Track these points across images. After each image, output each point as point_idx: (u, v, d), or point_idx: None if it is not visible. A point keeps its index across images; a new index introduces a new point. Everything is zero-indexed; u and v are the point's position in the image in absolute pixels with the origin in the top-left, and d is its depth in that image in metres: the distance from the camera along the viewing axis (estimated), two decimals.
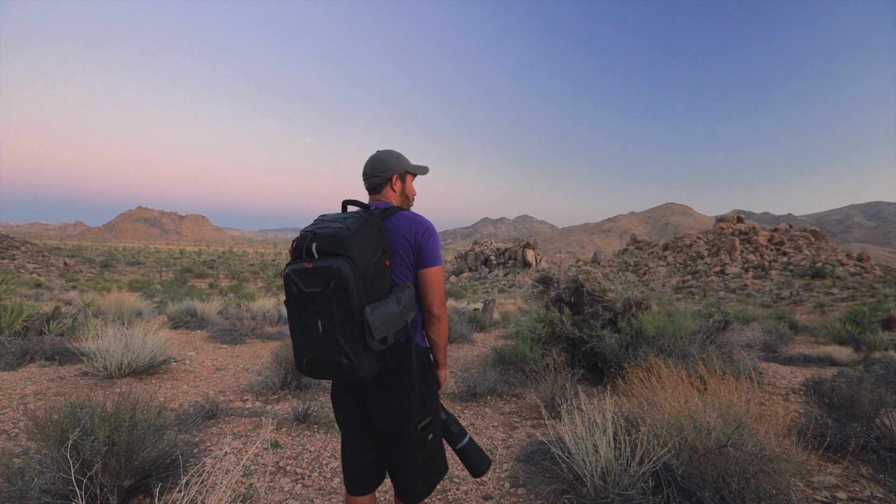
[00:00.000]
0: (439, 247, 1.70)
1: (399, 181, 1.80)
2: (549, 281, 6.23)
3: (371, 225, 1.53)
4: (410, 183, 1.86)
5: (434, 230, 1.72)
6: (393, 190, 1.80)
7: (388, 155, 1.79)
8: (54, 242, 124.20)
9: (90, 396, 4.07)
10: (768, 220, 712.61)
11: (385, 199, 1.79)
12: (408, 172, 1.83)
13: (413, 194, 1.87)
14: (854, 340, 9.02)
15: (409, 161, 1.84)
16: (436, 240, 1.71)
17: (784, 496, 2.17)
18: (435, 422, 1.73)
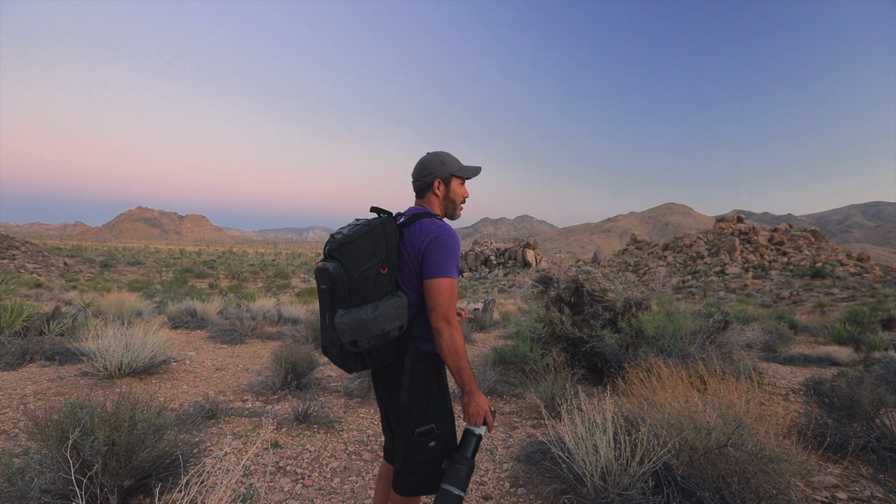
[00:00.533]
0: (448, 257, 1.60)
1: (442, 185, 1.77)
2: (549, 281, 6.23)
3: (374, 233, 1.58)
4: (457, 186, 1.80)
5: (444, 240, 1.61)
6: (436, 194, 1.78)
7: (433, 158, 1.77)
8: (54, 242, 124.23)
9: (90, 396, 4.07)
10: (768, 220, 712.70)
11: (427, 204, 1.79)
12: (453, 176, 1.78)
13: (461, 198, 1.81)
14: (854, 340, 9.02)
15: (457, 163, 1.79)
16: (442, 250, 1.59)
17: (784, 496, 2.17)
18: (441, 433, 1.68)
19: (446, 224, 1.69)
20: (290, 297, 22.73)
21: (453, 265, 1.61)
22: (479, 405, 1.62)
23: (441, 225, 1.66)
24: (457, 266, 1.64)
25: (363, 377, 4.81)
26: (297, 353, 4.88)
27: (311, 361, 4.94)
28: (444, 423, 1.70)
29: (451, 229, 1.66)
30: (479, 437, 1.65)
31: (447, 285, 1.59)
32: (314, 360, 5.03)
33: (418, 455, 1.66)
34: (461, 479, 1.57)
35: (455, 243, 1.64)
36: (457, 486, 1.56)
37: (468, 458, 1.61)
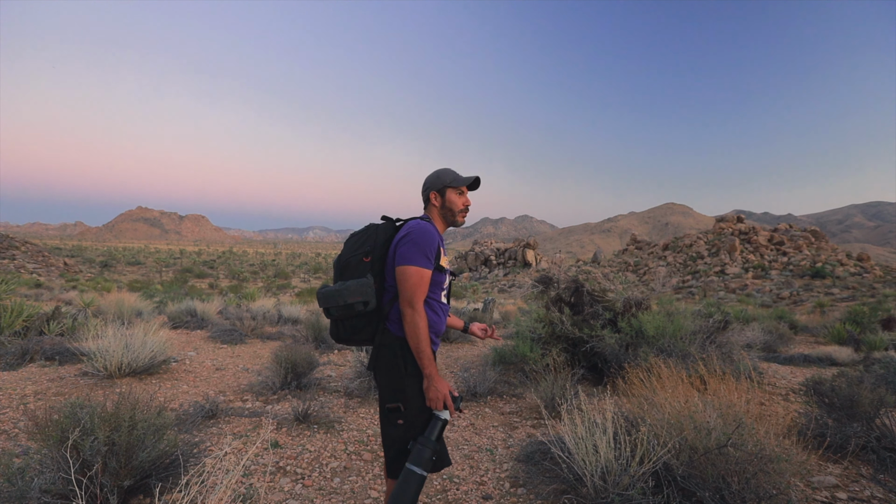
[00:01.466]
0: (415, 249, 1.77)
1: (438, 197, 1.98)
2: (549, 281, 6.23)
3: (365, 232, 1.91)
4: (454, 196, 1.98)
5: (414, 234, 1.80)
6: (434, 205, 1.99)
7: (432, 174, 2.00)
8: (54, 242, 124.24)
9: (90, 396, 4.07)
10: (768, 220, 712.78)
11: (428, 213, 2.01)
12: (448, 187, 1.97)
13: (460, 206, 1.99)
14: (854, 340, 9.02)
15: (451, 175, 1.98)
16: (411, 243, 1.78)
17: (784, 496, 2.17)
18: (408, 415, 1.78)
19: (424, 223, 1.84)
20: (290, 297, 22.74)
21: (420, 256, 1.77)
22: (437, 389, 1.75)
23: (418, 223, 1.84)
24: (426, 257, 1.78)
25: (363, 377, 4.81)
26: (297, 353, 4.88)
27: (311, 361, 4.94)
28: (412, 406, 1.79)
29: (426, 227, 1.83)
30: (443, 421, 1.77)
31: (412, 273, 1.76)
32: (314, 360, 5.03)
33: (388, 429, 1.83)
34: (424, 460, 1.67)
35: (424, 238, 1.79)
36: (419, 466, 1.66)
37: (431, 440, 1.72)
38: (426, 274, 1.80)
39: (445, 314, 2.02)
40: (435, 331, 1.93)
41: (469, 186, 2.04)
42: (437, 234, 1.87)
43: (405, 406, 1.79)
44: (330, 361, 6.31)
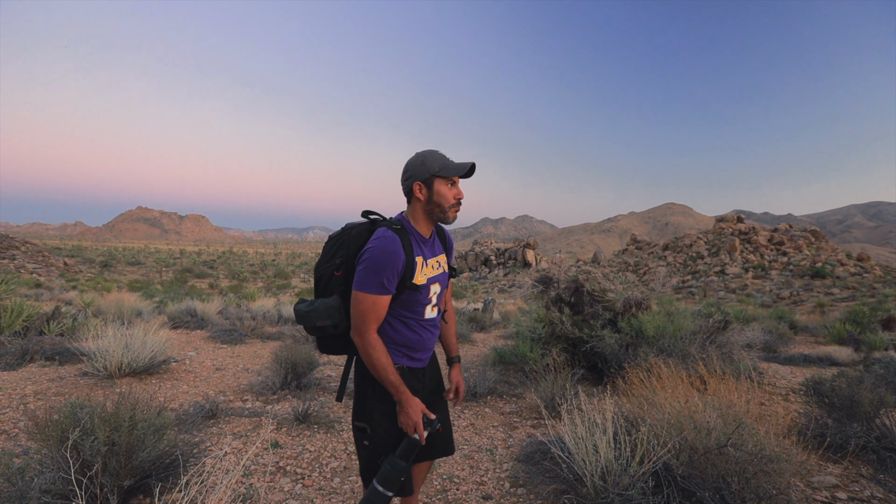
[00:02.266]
0: (367, 272, 1.55)
1: (423, 188, 1.64)
2: (549, 281, 6.23)
3: (339, 237, 1.69)
4: (443, 187, 1.63)
5: (370, 253, 1.56)
6: (418, 199, 1.66)
7: (414, 159, 1.65)
8: (54, 242, 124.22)
9: (90, 396, 4.07)
10: (768, 220, 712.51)
11: (411, 210, 1.70)
12: (436, 176, 1.62)
13: (451, 199, 1.65)
14: (854, 340, 9.02)
15: (441, 161, 1.63)
16: (364, 263, 1.56)
17: (784, 496, 2.17)
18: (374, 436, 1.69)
19: (386, 240, 1.56)
20: (290, 297, 22.75)
21: (372, 282, 1.55)
22: (408, 415, 1.63)
23: (378, 237, 1.58)
24: (379, 284, 1.55)
25: None
26: (297, 353, 4.88)
27: (311, 361, 4.94)
28: (378, 429, 1.68)
29: (384, 243, 1.55)
30: (414, 441, 1.65)
31: (360, 300, 1.56)
32: (314, 360, 5.03)
33: (358, 446, 1.77)
34: (392, 481, 1.59)
35: (381, 259, 1.54)
36: (385, 487, 1.59)
37: (401, 462, 1.62)
38: (380, 301, 1.58)
39: (432, 329, 1.81)
40: (416, 347, 1.76)
41: (462, 175, 1.67)
42: (399, 251, 1.57)
43: (371, 428, 1.69)
44: (330, 361, 6.32)
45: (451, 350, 2.05)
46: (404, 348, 1.74)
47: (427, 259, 1.70)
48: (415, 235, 1.68)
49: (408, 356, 1.76)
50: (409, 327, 1.73)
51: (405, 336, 1.73)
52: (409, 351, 1.76)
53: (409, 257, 1.61)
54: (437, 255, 1.77)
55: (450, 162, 1.66)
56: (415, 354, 1.78)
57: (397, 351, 1.73)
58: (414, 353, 1.77)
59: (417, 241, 1.69)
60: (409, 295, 1.66)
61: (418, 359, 1.80)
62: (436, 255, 1.76)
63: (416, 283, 1.64)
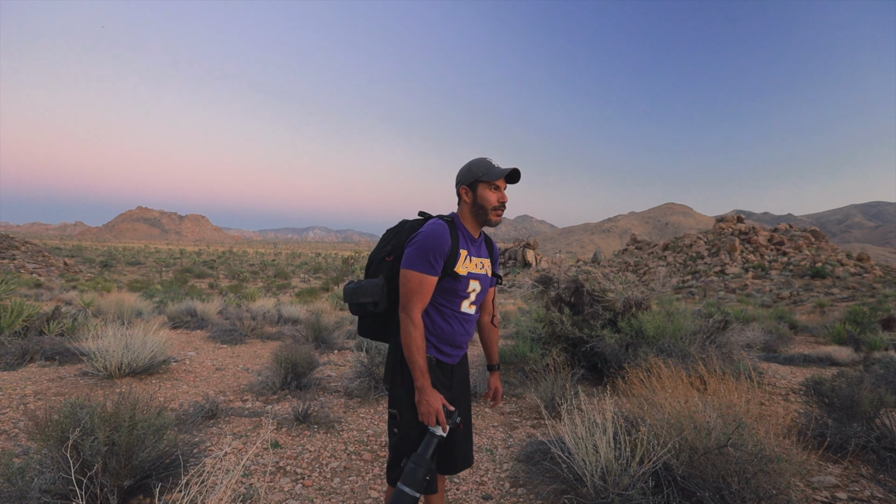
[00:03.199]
0: (416, 252, 1.68)
1: (468, 192, 1.79)
2: (549, 281, 6.23)
3: (392, 231, 1.89)
4: (486, 192, 1.76)
5: (419, 236, 1.70)
6: (465, 201, 1.82)
7: (463, 166, 1.82)
8: (54, 242, 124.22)
9: (90, 396, 4.07)
10: (768, 220, 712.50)
11: (460, 211, 1.85)
12: (479, 181, 1.76)
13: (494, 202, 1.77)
14: (854, 340, 9.02)
15: (485, 167, 1.76)
16: (414, 245, 1.70)
17: (784, 496, 2.17)
18: (402, 424, 1.73)
19: (436, 225, 1.72)
20: (290, 297, 22.74)
21: (421, 260, 1.67)
22: (429, 403, 1.65)
23: (431, 224, 1.73)
24: (428, 262, 1.67)
25: (363, 377, 4.80)
26: (297, 353, 4.88)
27: (311, 361, 4.94)
28: (405, 416, 1.74)
29: (435, 229, 1.70)
30: (438, 437, 1.65)
31: (409, 277, 1.69)
32: (314, 360, 5.03)
33: (389, 435, 1.80)
34: (417, 480, 1.58)
35: (430, 241, 1.68)
36: (411, 487, 1.57)
37: (426, 458, 1.61)
38: (427, 280, 1.69)
39: (466, 325, 1.85)
40: (448, 340, 1.81)
41: (507, 179, 1.80)
42: (447, 236, 1.71)
43: (400, 415, 1.75)
44: (330, 361, 6.31)
45: (492, 357, 2.09)
46: (435, 338, 1.79)
47: (471, 256, 1.81)
48: (462, 231, 1.81)
49: (437, 348, 1.80)
50: (444, 317, 1.79)
51: (438, 326, 1.78)
52: (440, 342, 1.80)
53: (455, 246, 1.73)
54: (482, 257, 1.89)
55: (493, 167, 1.77)
56: (444, 347, 1.81)
57: (427, 341, 1.78)
58: (444, 345, 1.81)
59: (465, 236, 1.81)
60: (448, 283, 1.75)
61: (448, 353, 1.83)
62: (480, 257, 1.87)
63: (457, 271, 1.73)
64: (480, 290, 1.87)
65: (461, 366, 1.94)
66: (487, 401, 2.07)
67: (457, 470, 1.88)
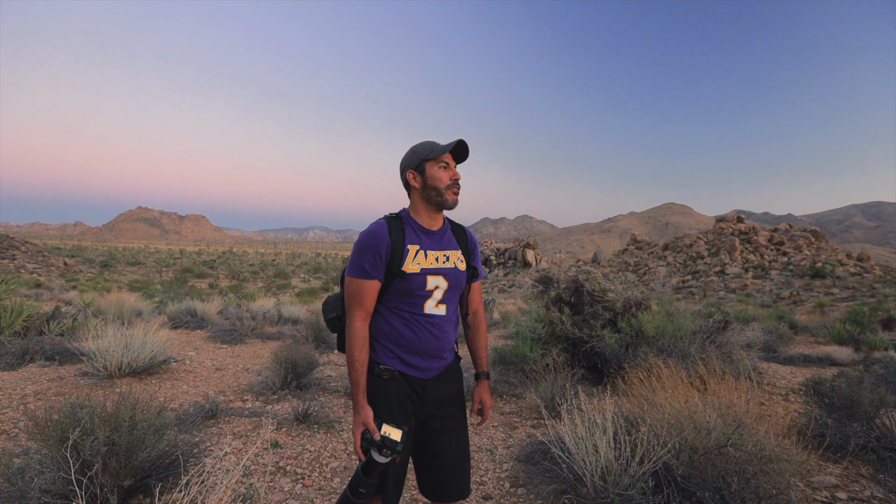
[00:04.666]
0: (353, 255, 1.61)
1: (417, 176, 1.65)
2: (549, 281, 6.23)
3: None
4: (435, 170, 1.62)
5: (358, 238, 1.62)
6: (415, 187, 1.66)
7: (406, 152, 1.68)
8: (54, 242, 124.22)
9: (90, 396, 4.07)
10: (768, 220, 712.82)
11: (411, 201, 1.71)
12: (426, 160, 1.62)
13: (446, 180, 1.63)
14: (854, 340, 9.02)
15: (429, 146, 1.64)
16: (354, 249, 1.62)
17: (784, 496, 2.17)
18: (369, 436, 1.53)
19: (375, 224, 1.61)
20: (290, 297, 22.75)
21: (355, 265, 1.59)
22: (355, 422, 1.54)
23: (371, 224, 1.63)
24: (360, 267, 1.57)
25: None
26: (297, 353, 4.88)
27: (311, 361, 4.94)
28: None
29: (371, 229, 1.59)
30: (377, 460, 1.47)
31: (347, 283, 1.63)
32: (314, 360, 5.03)
33: None
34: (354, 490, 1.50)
35: (363, 243, 1.58)
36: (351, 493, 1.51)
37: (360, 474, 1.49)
38: (364, 285, 1.57)
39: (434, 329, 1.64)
40: (413, 349, 1.62)
41: (456, 157, 1.67)
42: (383, 234, 1.58)
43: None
44: (330, 361, 6.32)
45: (479, 364, 1.85)
46: (398, 348, 1.62)
47: (427, 249, 1.64)
48: (412, 225, 1.65)
49: (401, 359, 1.62)
50: (406, 322, 1.62)
51: (400, 333, 1.62)
52: (404, 353, 1.62)
53: (398, 243, 1.58)
54: (447, 249, 1.69)
55: (437, 144, 1.65)
56: (411, 359, 1.62)
57: (389, 351, 1.62)
58: (410, 356, 1.62)
59: (416, 230, 1.65)
60: (399, 283, 1.59)
61: (415, 366, 1.63)
62: (443, 249, 1.68)
63: (405, 270, 1.58)
64: (449, 287, 1.66)
65: (440, 382, 1.69)
66: (473, 417, 1.85)
67: (446, 499, 1.67)
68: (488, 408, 1.83)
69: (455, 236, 1.76)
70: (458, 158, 1.68)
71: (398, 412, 1.59)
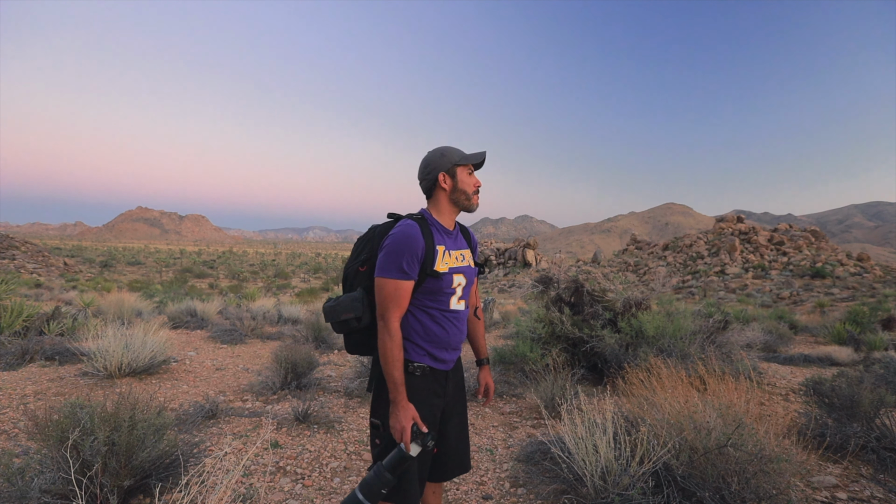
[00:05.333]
0: (388, 258, 1.61)
1: (448, 178, 1.72)
2: (549, 281, 6.23)
3: (364, 238, 1.79)
4: (465, 176, 1.73)
5: (390, 240, 1.62)
6: (443, 189, 1.73)
7: (433, 153, 1.74)
8: (54, 242, 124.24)
9: (90, 396, 4.07)
10: (768, 220, 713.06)
11: (434, 203, 1.77)
12: (457, 166, 1.72)
13: (472, 187, 1.75)
14: (854, 340, 9.02)
15: (459, 152, 1.73)
16: (386, 250, 1.62)
17: (784, 496, 2.17)
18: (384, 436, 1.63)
19: (406, 227, 1.63)
20: (290, 297, 22.75)
21: (392, 266, 1.60)
22: (397, 419, 1.57)
23: (400, 225, 1.65)
24: (399, 268, 1.60)
25: (363, 377, 4.81)
26: (297, 353, 4.88)
27: (311, 361, 4.94)
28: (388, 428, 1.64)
29: (405, 231, 1.61)
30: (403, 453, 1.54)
31: (382, 285, 1.62)
32: (314, 360, 5.03)
33: (371, 445, 1.73)
34: (373, 493, 1.50)
35: (401, 244, 1.60)
36: (365, 496, 1.50)
37: (386, 475, 1.52)
38: (402, 286, 1.61)
39: (458, 323, 1.78)
40: (443, 345, 1.73)
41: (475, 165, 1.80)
42: (419, 236, 1.63)
43: (382, 426, 1.66)
44: (330, 361, 6.32)
45: (480, 352, 2.03)
46: (429, 345, 1.71)
47: (450, 250, 1.73)
48: (436, 226, 1.73)
49: (431, 355, 1.72)
50: (434, 319, 1.71)
51: (431, 330, 1.71)
52: (434, 348, 1.72)
53: (430, 244, 1.66)
54: (461, 248, 1.80)
55: (466, 152, 1.77)
56: (439, 353, 1.73)
57: (420, 349, 1.71)
58: (439, 351, 1.73)
59: (440, 231, 1.73)
60: (431, 283, 1.67)
61: (442, 360, 1.75)
62: (459, 249, 1.79)
63: (437, 269, 1.66)
64: (466, 283, 1.80)
65: (455, 371, 1.86)
66: (479, 398, 2.02)
67: (448, 476, 1.83)
68: (492, 389, 2.03)
69: (462, 236, 1.88)
70: (477, 167, 1.82)
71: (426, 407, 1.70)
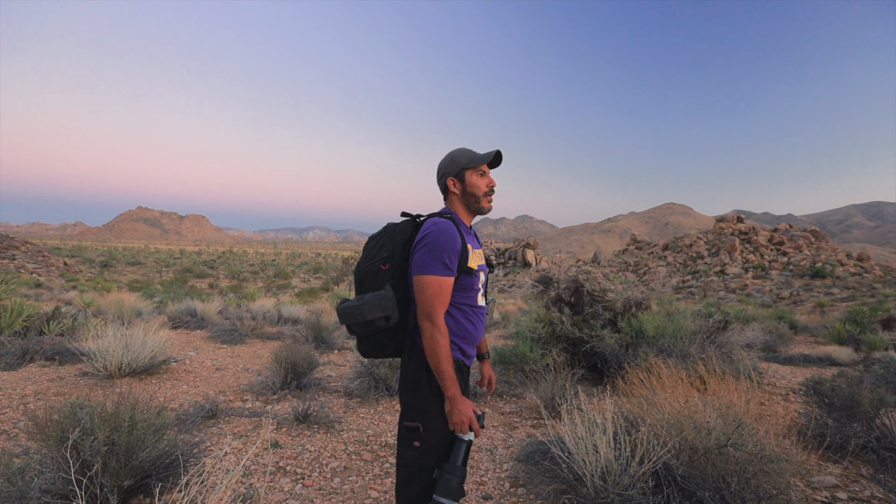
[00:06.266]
0: (430, 255, 1.60)
1: (456, 183, 1.77)
2: (549, 281, 6.23)
3: (383, 234, 1.74)
4: (475, 178, 1.76)
5: (430, 237, 1.61)
6: (454, 192, 1.78)
7: (445, 158, 1.79)
8: (54, 242, 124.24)
9: (90, 396, 4.07)
10: (768, 220, 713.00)
11: (450, 204, 1.81)
12: (466, 169, 1.75)
13: (483, 189, 1.77)
14: (854, 340, 9.02)
15: (469, 154, 1.75)
16: (426, 248, 1.61)
17: (784, 496, 2.17)
18: (427, 437, 1.62)
19: (443, 223, 1.64)
20: (290, 297, 22.75)
21: (437, 263, 1.59)
22: (461, 412, 1.58)
23: (435, 223, 1.65)
24: (443, 264, 1.60)
25: (363, 377, 4.81)
26: (297, 353, 4.88)
27: (311, 361, 4.94)
28: (432, 427, 1.63)
29: (444, 227, 1.62)
30: (468, 443, 1.61)
31: (426, 283, 1.59)
32: (314, 360, 5.03)
33: (404, 450, 1.67)
34: (453, 490, 1.53)
35: (442, 240, 1.60)
36: (448, 497, 1.51)
37: (458, 466, 1.57)
38: (446, 283, 1.61)
39: (483, 319, 1.82)
40: (472, 340, 1.77)
41: (490, 164, 1.80)
42: (457, 233, 1.65)
43: (425, 427, 1.62)
44: (330, 361, 6.32)
45: (482, 346, 2.10)
46: (461, 340, 1.73)
47: (474, 248, 1.77)
48: (462, 225, 1.75)
49: (462, 350, 1.75)
50: (466, 315, 1.73)
51: (463, 326, 1.73)
52: (464, 343, 1.75)
53: (464, 242, 1.68)
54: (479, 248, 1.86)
55: (476, 153, 1.77)
56: (468, 349, 1.77)
57: (453, 344, 1.72)
58: (468, 346, 1.77)
59: (464, 230, 1.76)
60: (465, 279, 1.70)
61: (469, 355, 1.80)
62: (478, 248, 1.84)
63: (470, 266, 1.69)
64: (486, 281, 1.86)
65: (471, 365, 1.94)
66: (482, 388, 2.08)
67: None
68: (493, 381, 2.11)
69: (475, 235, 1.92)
70: (492, 165, 1.82)
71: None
